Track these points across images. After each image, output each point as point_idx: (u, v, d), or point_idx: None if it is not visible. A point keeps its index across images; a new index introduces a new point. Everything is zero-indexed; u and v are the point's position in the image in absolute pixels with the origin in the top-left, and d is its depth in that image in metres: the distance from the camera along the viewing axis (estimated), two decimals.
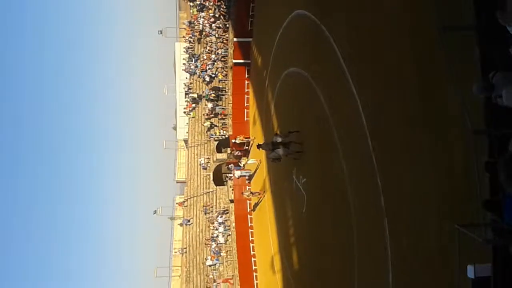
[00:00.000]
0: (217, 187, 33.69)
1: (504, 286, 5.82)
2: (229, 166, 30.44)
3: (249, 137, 28.98)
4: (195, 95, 35.44)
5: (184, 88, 37.87)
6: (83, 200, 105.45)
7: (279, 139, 19.55)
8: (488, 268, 6.06)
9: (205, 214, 33.87)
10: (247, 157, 29.21)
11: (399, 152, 11.24)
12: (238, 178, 28.93)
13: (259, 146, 21.78)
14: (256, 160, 27.31)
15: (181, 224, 37.54)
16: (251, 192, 27.67)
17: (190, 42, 37.60)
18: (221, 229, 31.65)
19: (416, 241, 10.26)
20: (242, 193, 28.46)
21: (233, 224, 30.45)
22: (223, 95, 33.50)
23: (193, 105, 36.34)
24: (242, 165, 28.68)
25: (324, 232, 16.60)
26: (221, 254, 31.28)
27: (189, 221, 35.93)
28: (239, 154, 29.67)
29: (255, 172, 28.01)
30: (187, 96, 37.01)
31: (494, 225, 5.88)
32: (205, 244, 33.26)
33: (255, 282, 27.68)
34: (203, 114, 35.17)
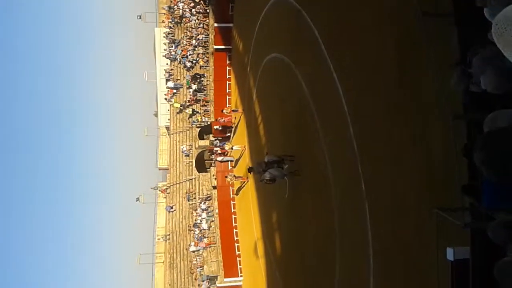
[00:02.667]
0: (200, 173, 33.66)
1: (482, 268, 5.95)
2: (213, 150, 29.92)
3: (237, 109, 28.01)
4: (178, 105, 34.86)
5: (164, 75, 37.48)
6: (63, 188, 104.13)
7: (269, 159, 17.90)
8: (467, 251, 6.18)
9: (188, 200, 33.86)
10: (230, 143, 29.13)
11: (379, 138, 11.34)
12: (221, 162, 28.87)
13: (250, 170, 19.97)
14: (240, 146, 27.28)
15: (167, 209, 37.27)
16: (234, 176, 27.70)
17: (170, 27, 37.13)
18: (204, 215, 31.71)
19: (396, 225, 10.41)
20: (226, 177, 28.43)
21: (216, 210, 30.53)
22: (203, 81, 33.29)
23: (174, 91, 36.05)
24: (226, 149, 28.49)
25: (306, 217, 16.74)
26: (205, 240, 31.38)
27: (172, 207, 35.88)
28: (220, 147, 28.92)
29: (239, 158, 28.01)
30: (167, 99, 36.61)
31: (473, 209, 5.98)
32: (189, 230, 33.31)
33: (238, 267, 27.89)
34: (184, 101, 34.94)
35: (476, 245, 5.94)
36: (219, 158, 28.47)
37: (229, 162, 29.10)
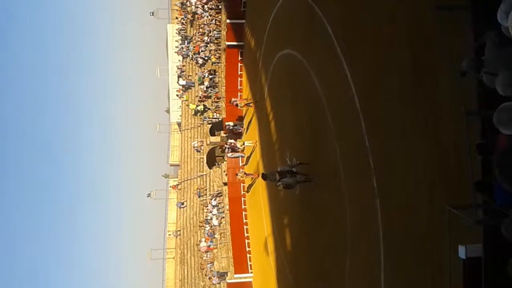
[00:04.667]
0: (211, 170, 33.74)
1: (494, 266, 5.88)
2: (226, 145, 29.76)
3: (250, 101, 27.60)
4: (194, 106, 34.79)
5: (177, 71, 37.61)
6: (77, 185, 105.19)
7: (282, 169, 17.94)
8: (479, 249, 6.11)
9: (199, 197, 33.98)
10: (241, 140, 29.14)
11: (391, 133, 11.25)
12: (232, 158, 28.85)
13: (264, 177, 19.67)
14: (252, 142, 27.25)
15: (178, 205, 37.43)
16: (245, 173, 27.71)
17: (182, 24, 37.21)
18: (214, 211, 31.80)
19: (408, 222, 10.34)
20: (236, 174, 28.46)
21: (227, 207, 30.58)
22: (214, 77, 33.33)
23: (186, 86, 36.19)
24: (238, 147, 28.42)
25: (317, 214, 16.70)
26: (215, 236, 31.47)
27: (183, 203, 36.04)
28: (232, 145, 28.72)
29: (250, 155, 28.00)
30: (179, 95, 36.56)
31: (485, 206, 5.91)
32: (199, 226, 33.43)
33: (249, 263, 27.93)
34: (196, 97, 35.02)
35: (488, 242, 5.87)
36: (230, 154, 28.47)
37: (240, 158, 29.09)
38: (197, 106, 34.46)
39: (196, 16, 34.87)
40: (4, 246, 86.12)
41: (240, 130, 29.76)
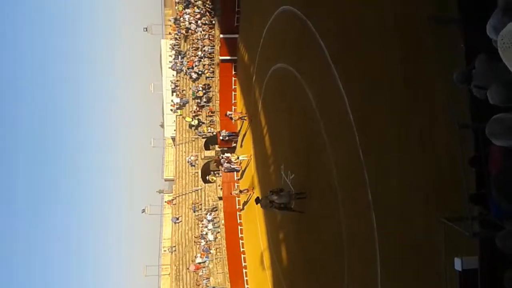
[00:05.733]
0: (206, 184, 33.61)
1: (490, 278, 5.86)
2: (222, 157, 29.58)
3: (244, 115, 27.59)
4: (190, 119, 34.72)
5: (171, 86, 37.67)
6: (70, 199, 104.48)
7: (275, 198, 17.84)
8: (475, 261, 6.10)
9: (194, 212, 33.78)
10: (235, 153, 29.08)
11: (386, 146, 11.29)
12: (226, 171, 28.73)
13: (257, 201, 19.44)
14: (246, 156, 27.21)
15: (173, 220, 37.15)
16: (240, 191, 27.61)
17: (176, 39, 37.38)
18: (210, 226, 31.61)
19: (403, 234, 10.32)
20: (231, 192, 28.39)
21: (222, 221, 30.41)
22: (209, 92, 33.41)
23: (180, 104, 36.21)
24: (233, 161, 28.31)
25: (313, 227, 16.64)
26: (211, 251, 31.24)
27: (178, 219, 35.80)
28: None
29: (245, 169, 27.95)
30: (173, 110, 36.54)
31: (481, 218, 5.91)
32: (194, 242, 33.18)
33: (245, 278, 27.70)
34: (190, 112, 35.04)
35: (484, 255, 5.87)
36: (226, 166, 28.35)
37: (235, 173, 29.00)
38: (192, 120, 34.45)
39: (190, 31, 35.06)
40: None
41: (235, 143, 29.71)
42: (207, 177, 33.44)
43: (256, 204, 19.40)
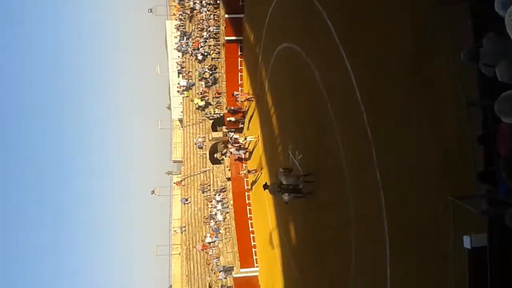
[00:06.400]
0: (214, 165, 33.79)
1: (499, 255, 5.90)
2: (227, 142, 29.57)
3: (251, 96, 27.34)
4: (198, 101, 34.48)
5: (177, 67, 37.58)
6: (81, 184, 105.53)
7: (283, 178, 17.58)
8: (484, 238, 6.14)
9: (203, 192, 34.06)
10: (244, 134, 29.11)
11: (393, 125, 11.24)
12: (235, 154, 28.83)
13: (265, 187, 19.11)
14: (254, 137, 27.24)
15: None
16: (248, 171, 27.72)
17: (181, 20, 37.13)
18: (219, 207, 31.89)
19: (412, 213, 10.35)
20: (239, 173, 28.52)
21: (231, 202, 30.65)
22: (215, 73, 33.29)
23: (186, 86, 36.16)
24: (241, 142, 28.32)
25: (321, 206, 16.73)
26: (220, 231, 31.58)
27: (187, 200, 36.14)
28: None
29: (253, 150, 28.02)
30: (180, 92, 36.35)
31: (489, 196, 5.92)
32: (204, 222, 33.55)
33: (254, 257, 28.03)
34: (197, 93, 35.01)
35: (493, 232, 5.89)
36: (233, 150, 28.46)
37: (243, 154, 29.08)
38: (200, 100, 34.41)
39: (195, 11, 34.79)
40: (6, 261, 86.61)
41: (242, 124, 29.71)
42: (215, 155, 33.57)
43: (264, 189, 19.28)
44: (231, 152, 29.06)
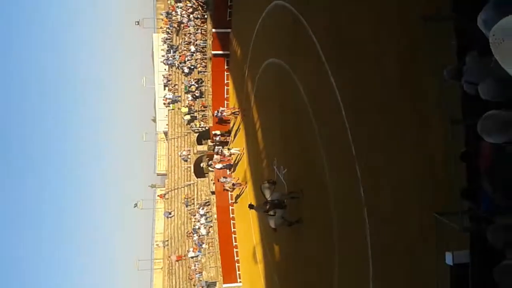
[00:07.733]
0: (198, 179, 33.57)
1: (481, 272, 5.93)
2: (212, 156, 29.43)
3: (237, 110, 27.34)
4: (186, 110, 34.37)
5: (163, 80, 37.54)
6: (63, 193, 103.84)
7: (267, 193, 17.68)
8: (466, 255, 6.17)
9: (187, 206, 33.77)
10: (228, 147, 28.98)
11: (379, 141, 11.34)
12: (219, 169, 28.67)
13: (250, 207, 19.38)
14: (239, 149, 27.18)
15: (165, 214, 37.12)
16: (232, 184, 27.59)
17: (168, 33, 37.20)
18: (202, 220, 31.61)
19: (395, 230, 10.39)
20: (224, 187, 28.34)
21: (215, 216, 30.41)
22: (201, 86, 33.31)
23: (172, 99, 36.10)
24: (226, 154, 28.19)
25: (305, 222, 16.70)
26: (203, 246, 31.27)
27: (170, 213, 35.79)
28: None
29: (237, 162, 27.92)
30: (166, 104, 36.22)
31: (472, 213, 5.97)
32: (187, 236, 33.20)
33: (237, 272, 27.78)
34: (184, 106, 34.93)
35: (475, 249, 5.93)
36: (218, 166, 28.34)
37: (227, 169, 28.94)
38: (188, 111, 34.20)
39: (182, 25, 34.89)
40: None
41: (227, 137, 29.64)
42: (201, 164, 33.31)
43: (249, 209, 19.32)
44: (215, 167, 28.91)
